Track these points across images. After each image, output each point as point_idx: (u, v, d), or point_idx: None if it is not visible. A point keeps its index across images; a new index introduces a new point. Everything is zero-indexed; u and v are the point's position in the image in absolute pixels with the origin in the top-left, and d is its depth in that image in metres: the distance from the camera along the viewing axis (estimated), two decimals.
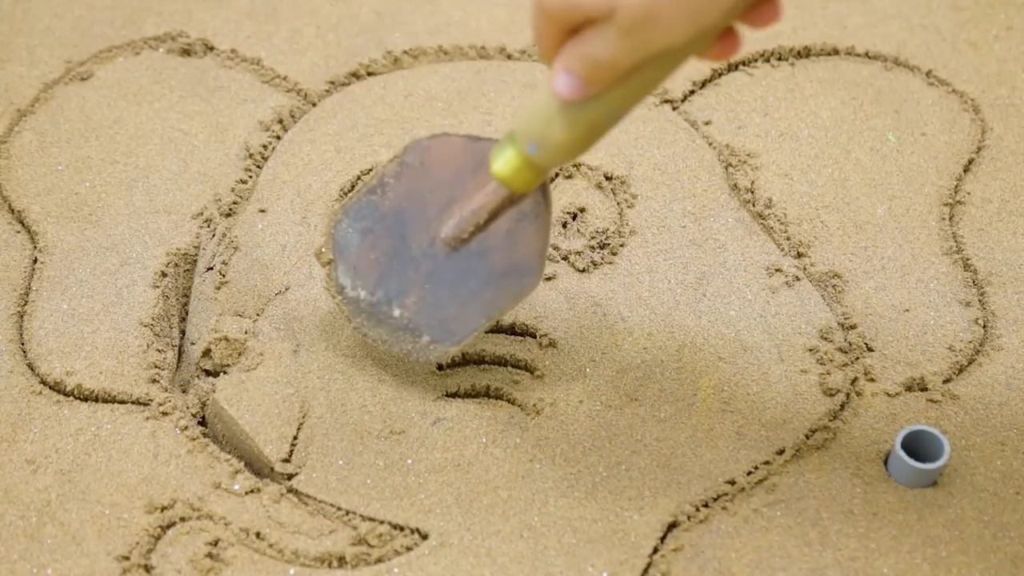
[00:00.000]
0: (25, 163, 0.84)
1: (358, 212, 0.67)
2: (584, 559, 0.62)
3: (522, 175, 0.60)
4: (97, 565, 0.62)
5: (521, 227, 0.63)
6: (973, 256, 0.77)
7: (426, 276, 0.66)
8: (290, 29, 0.93)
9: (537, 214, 0.63)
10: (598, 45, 0.53)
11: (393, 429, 0.68)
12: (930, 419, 0.68)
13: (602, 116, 0.56)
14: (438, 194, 0.64)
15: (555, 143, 0.57)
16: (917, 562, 0.62)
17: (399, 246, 0.66)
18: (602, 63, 0.53)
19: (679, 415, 0.69)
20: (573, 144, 0.57)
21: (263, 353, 0.71)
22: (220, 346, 0.71)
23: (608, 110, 0.56)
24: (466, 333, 0.66)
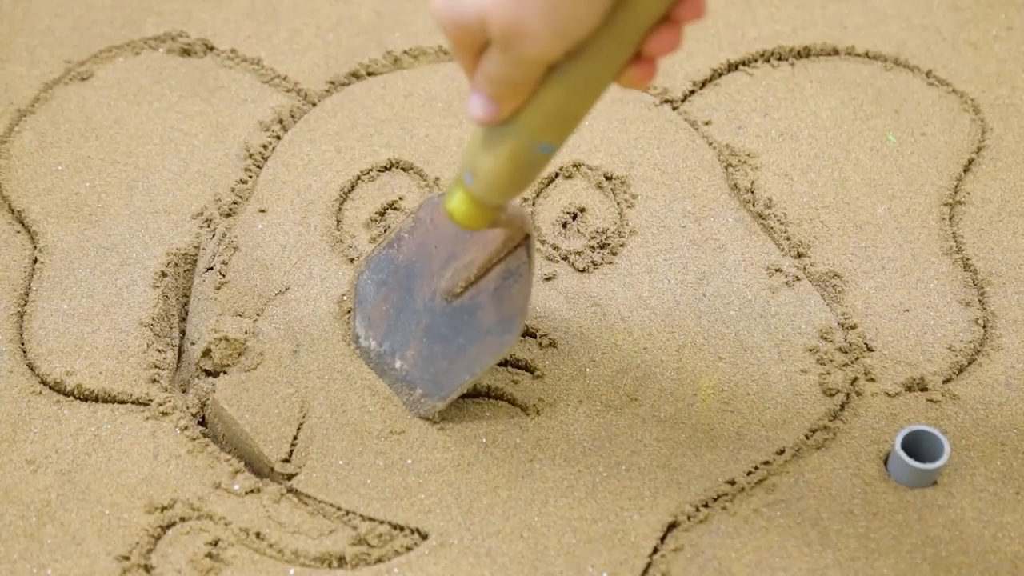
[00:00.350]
0: (25, 163, 0.84)
1: (377, 265, 0.69)
2: (584, 559, 0.62)
3: (466, 210, 0.61)
4: (97, 565, 0.62)
5: (507, 285, 0.65)
6: (973, 256, 0.77)
7: (424, 330, 0.68)
8: (290, 29, 0.93)
9: (521, 273, 0.64)
10: (489, 62, 0.54)
11: (393, 429, 0.68)
12: (930, 419, 0.68)
13: (522, 142, 0.57)
14: (442, 249, 0.66)
15: (484, 172, 0.58)
16: (917, 562, 0.62)
17: (406, 299, 0.68)
18: (496, 79, 0.54)
19: (679, 415, 0.69)
20: (501, 173, 0.58)
21: (263, 353, 0.71)
22: (220, 346, 0.71)
23: (525, 135, 0.57)
24: (451, 389, 0.67)
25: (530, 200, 0.80)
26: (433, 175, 0.82)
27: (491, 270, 0.65)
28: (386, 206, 0.80)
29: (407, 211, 0.74)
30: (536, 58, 0.52)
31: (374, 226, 0.79)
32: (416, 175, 0.82)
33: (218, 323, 0.72)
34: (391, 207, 0.80)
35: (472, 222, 0.61)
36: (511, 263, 0.64)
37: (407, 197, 0.81)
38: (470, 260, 0.65)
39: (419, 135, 0.85)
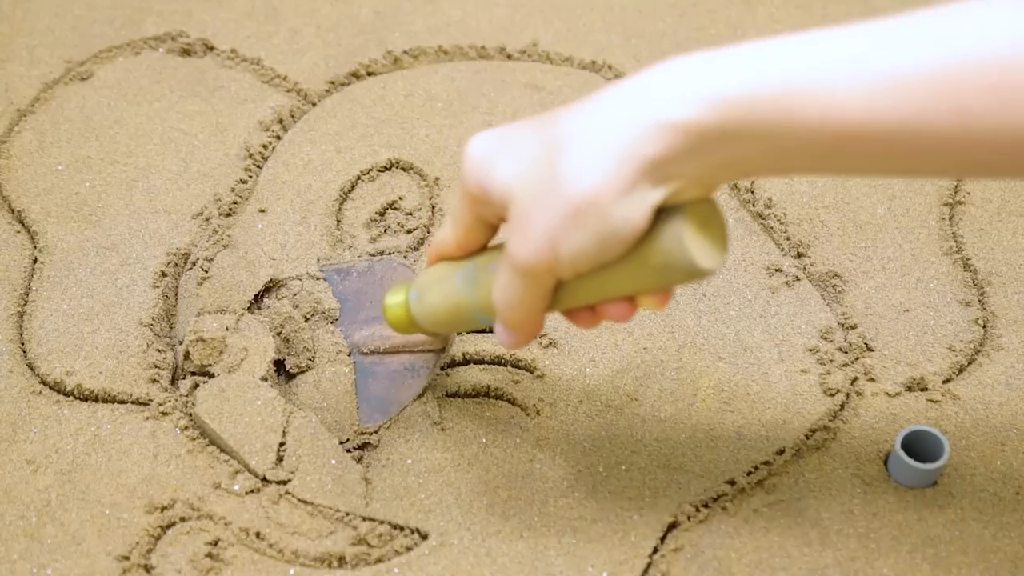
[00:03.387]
0: (25, 163, 0.84)
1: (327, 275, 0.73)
2: (584, 559, 0.62)
3: (400, 316, 0.63)
4: (97, 565, 0.62)
5: (403, 375, 0.69)
6: (973, 256, 0.77)
7: None
8: (290, 29, 0.93)
9: (420, 374, 0.68)
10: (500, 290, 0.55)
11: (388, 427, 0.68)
12: (930, 419, 0.68)
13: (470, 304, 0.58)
14: (374, 307, 0.70)
15: (428, 304, 0.61)
16: (917, 562, 0.62)
17: None
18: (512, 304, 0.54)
19: (679, 415, 0.69)
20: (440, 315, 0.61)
21: (247, 348, 0.71)
22: (197, 347, 0.70)
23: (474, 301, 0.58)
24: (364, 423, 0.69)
25: None
26: (433, 175, 0.82)
27: (400, 354, 0.69)
28: (386, 206, 0.80)
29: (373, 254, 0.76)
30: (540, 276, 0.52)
31: (374, 226, 0.79)
32: (416, 175, 0.82)
33: (196, 324, 0.72)
34: (391, 207, 0.80)
35: (399, 327, 0.64)
36: (418, 360, 0.68)
37: (407, 197, 0.81)
38: (387, 334, 0.68)
39: (419, 135, 0.85)
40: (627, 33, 0.93)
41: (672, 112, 0.47)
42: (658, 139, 0.47)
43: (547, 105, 0.86)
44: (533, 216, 0.50)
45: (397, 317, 0.63)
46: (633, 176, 0.48)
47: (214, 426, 0.67)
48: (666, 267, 0.50)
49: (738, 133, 0.46)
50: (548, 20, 0.94)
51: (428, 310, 0.61)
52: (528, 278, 0.52)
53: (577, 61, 0.90)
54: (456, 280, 0.59)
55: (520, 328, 0.56)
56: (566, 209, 0.49)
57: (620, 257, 0.50)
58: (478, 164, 0.53)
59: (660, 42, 0.92)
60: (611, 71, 0.89)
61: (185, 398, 0.70)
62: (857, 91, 0.45)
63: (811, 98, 0.46)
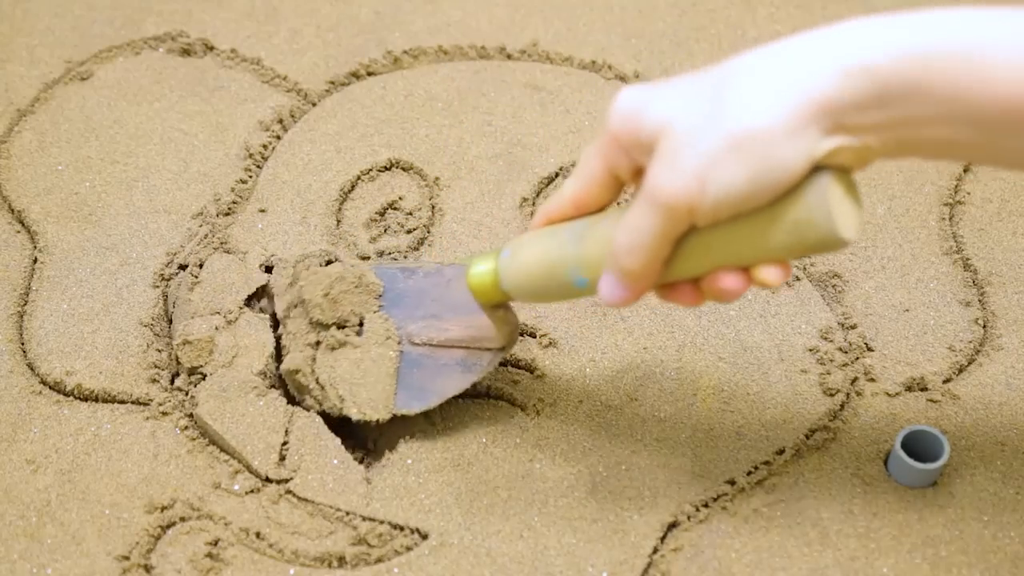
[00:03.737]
0: (25, 163, 0.84)
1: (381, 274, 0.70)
2: (584, 559, 0.62)
3: (485, 281, 0.62)
4: (97, 565, 0.62)
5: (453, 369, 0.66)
6: (973, 256, 0.77)
7: None
8: (290, 29, 0.93)
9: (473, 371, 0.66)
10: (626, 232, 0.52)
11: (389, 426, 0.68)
12: (930, 419, 0.68)
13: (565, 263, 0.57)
14: (435, 305, 0.67)
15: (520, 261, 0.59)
16: (917, 562, 0.62)
17: None
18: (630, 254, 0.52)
19: (679, 415, 0.69)
20: (533, 273, 0.58)
21: (240, 345, 0.70)
22: (184, 350, 0.70)
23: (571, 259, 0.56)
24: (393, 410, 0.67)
25: (530, 200, 0.80)
26: (433, 175, 0.82)
27: (453, 348, 0.66)
28: (386, 206, 0.80)
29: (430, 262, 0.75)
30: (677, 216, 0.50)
31: (374, 226, 0.79)
32: (416, 175, 0.82)
33: (186, 327, 0.71)
34: (391, 207, 0.80)
35: (481, 292, 0.62)
36: (472, 357, 0.66)
37: (407, 197, 0.81)
38: (447, 328, 0.66)
39: (419, 135, 0.85)
40: (627, 33, 0.93)
41: (859, 57, 0.46)
42: (840, 82, 0.46)
43: (547, 105, 0.86)
44: (687, 147, 0.48)
45: (482, 282, 0.61)
46: (806, 116, 0.46)
47: (216, 427, 0.67)
48: (806, 225, 0.48)
49: (917, 89, 0.46)
50: (548, 20, 0.94)
51: (520, 268, 0.58)
52: (664, 215, 0.50)
53: (577, 61, 0.90)
54: (561, 234, 0.57)
55: (634, 279, 0.53)
56: (726, 140, 0.47)
57: (763, 206, 0.49)
58: (629, 109, 0.51)
59: (660, 42, 0.92)
60: (611, 71, 0.89)
61: (184, 398, 0.70)
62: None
63: (997, 66, 0.45)
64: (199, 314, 0.72)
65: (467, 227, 0.79)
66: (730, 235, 0.50)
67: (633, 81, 0.88)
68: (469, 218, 0.79)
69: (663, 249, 0.51)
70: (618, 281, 0.53)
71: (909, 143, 0.48)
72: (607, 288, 0.54)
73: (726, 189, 0.48)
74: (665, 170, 0.49)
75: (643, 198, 0.50)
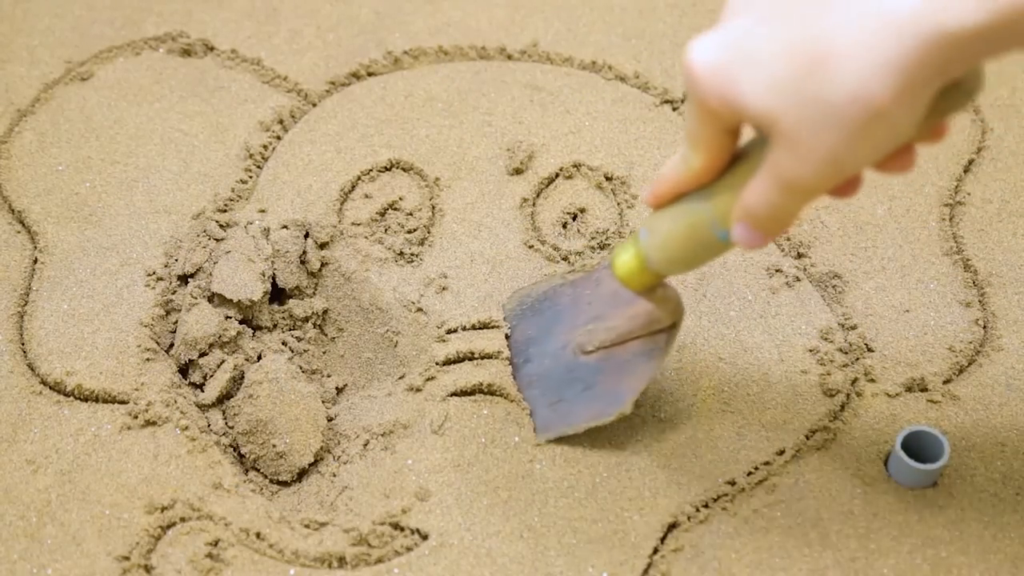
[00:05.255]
0: (25, 163, 0.84)
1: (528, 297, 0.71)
2: (584, 559, 0.62)
3: (632, 267, 0.61)
4: (97, 565, 0.62)
5: (636, 362, 0.65)
6: (973, 256, 0.77)
7: (547, 372, 0.68)
8: (290, 29, 0.93)
9: (654, 356, 0.64)
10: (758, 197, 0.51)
11: (393, 428, 0.68)
12: (930, 419, 0.68)
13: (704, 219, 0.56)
14: (594, 307, 0.67)
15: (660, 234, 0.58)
16: (917, 562, 0.62)
17: (544, 338, 0.69)
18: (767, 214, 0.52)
19: (679, 415, 0.69)
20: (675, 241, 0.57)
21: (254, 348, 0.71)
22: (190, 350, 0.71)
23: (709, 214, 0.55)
24: (548, 433, 0.67)
25: (531, 200, 0.80)
26: (433, 175, 0.82)
27: (628, 343, 0.65)
28: (386, 206, 0.80)
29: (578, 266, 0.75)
30: (815, 191, 0.50)
31: (374, 226, 0.79)
32: (416, 175, 0.82)
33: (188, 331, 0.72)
34: (391, 207, 0.80)
35: (631, 280, 0.61)
36: (649, 343, 0.65)
37: (407, 197, 0.81)
38: (613, 325, 0.65)
39: (419, 135, 0.85)
40: (627, 33, 0.93)
41: (960, 19, 0.44)
42: (948, 49, 0.44)
43: (547, 105, 0.86)
44: (811, 137, 0.47)
45: (630, 268, 0.60)
46: (922, 85, 0.45)
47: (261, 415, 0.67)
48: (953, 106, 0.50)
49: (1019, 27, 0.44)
50: (548, 20, 0.94)
51: (662, 241, 0.58)
52: (803, 194, 0.50)
53: (577, 61, 0.90)
54: (691, 199, 0.56)
55: (774, 231, 0.52)
56: (853, 126, 0.46)
57: None
58: (714, 77, 0.49)
59: (660, 42, 0.92)
60: (611, 71, 0.89)
61: (194, 400, 0.70)
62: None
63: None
64: (204, 318, 0.72)
65: (467, 227, 0.79)
66: None
67: (633, 81, 0.88)
68: (469, 218, 0.79)
69: (802, 209, 0.52)
70: (754, 232, 0.53)
71: None
72: (743, 235, 0.53)
73: (864, 162, 0.48)
74: (795, 160, 0.48)
75: (776, 181, 0.50)
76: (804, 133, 0.47)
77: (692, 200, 0.56)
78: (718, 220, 0.55)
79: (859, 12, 0.45)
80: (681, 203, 0.57)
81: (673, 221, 0.57)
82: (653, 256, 0.59)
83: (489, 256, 0.77)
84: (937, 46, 0.44)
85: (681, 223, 0.57)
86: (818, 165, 0.48)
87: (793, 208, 0.51)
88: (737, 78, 0.48)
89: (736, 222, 0.53)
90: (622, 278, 0.61)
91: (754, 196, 0.51)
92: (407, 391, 0.70)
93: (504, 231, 0.78)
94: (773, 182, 0.50)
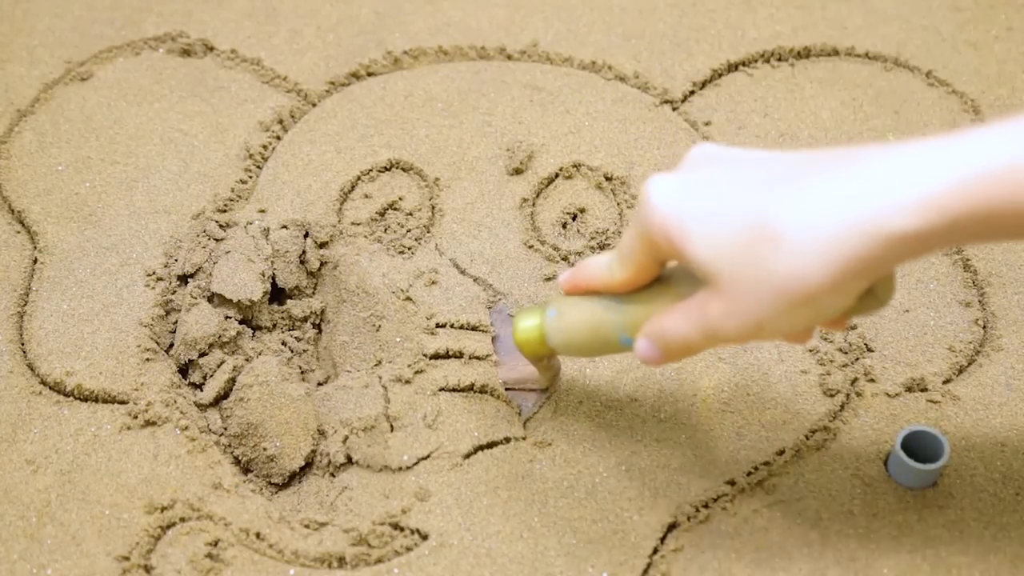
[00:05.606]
0: (25, 163, 0.84)
1: None
2: (584, 559, 0.62)
3: (530, 338, 0.63)
4: (97, 565, 0.62)
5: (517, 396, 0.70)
6: (973, 256, 0.77)
7: None
8: (290, 29, 0.93)
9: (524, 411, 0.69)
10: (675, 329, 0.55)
11: (392, 427, 0.68)
12: (930, 419, 0.68)
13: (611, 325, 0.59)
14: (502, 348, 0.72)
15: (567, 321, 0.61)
16: (917, 562, 0.62)
17: None
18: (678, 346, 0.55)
19: (679, 415, 0.69)
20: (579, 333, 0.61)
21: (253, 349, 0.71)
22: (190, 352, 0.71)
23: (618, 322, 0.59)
24: None
25: (530, 200, 0.80)
26: (433, 175, 0.82)
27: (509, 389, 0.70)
28: (386, 206, 0.80)
29: None
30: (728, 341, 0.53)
31: (374, 226, 0.79)
32: (416, 175, 0.82)
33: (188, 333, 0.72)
34: (391, 207, 0.80)
35: (527, 346, 0.64)
36: (518, 397, 0.70)
37: (407, 197, 0.81)
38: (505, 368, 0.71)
39: (419, 135, 0.85)
40: (627, 33, 0.93)
41: (898, 222, 0.47)
42: (884, 248, 0.48)
43: (547, 105, 0.86)
44: (743, 301, 0.51)
45: (528, 339, 0.63)
46: (855, 278, 0.49)
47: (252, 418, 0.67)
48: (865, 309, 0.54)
49: (961, 226, 0.47)
50: (548, 20, 0.94)
51: (567, 328, 0.61)
52: (716, 341, 0.53)
53: (577, 61, 0.90)
54: (605, 300, 0.59)
55: (675, 357, 0.56)
56: (782, 303, 0.50)
57: None
58: (667, 219, 0.52)
59: (660, 42, 0.92)
60: (611, 71, 0.89)
61: (194, 400, 0.70)
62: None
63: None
64: (203, 319, 0.72)
65: (467, 227, 0.79)
66: None
67: (633, 81, 0.88)
68: (469, 218, 0.79)
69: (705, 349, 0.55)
70: (656, 353, 0.56)
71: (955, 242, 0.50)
72: (645, 351, 0.57)
73: (782, 331, 0.52)
74: (724, 315, 0.52)
75: (700, 323, 0.53)
76: (740, 292, 0.51)
77: (606, 301, 0.59)
78: (625, 328, 0.58)
79: (814, 203, 0.49)
80: (595, 300, 0.59)
81: (580, 313, 0.60)
82: (553, 336, 0.62)
83: (489, 256, 0.77)
84: (877, 245, 0.48)
85: (588, 318, 0.59)
86: (742, 324, 0.51)
87: (702, 346, 0.55)
88: (689, 229, 0.52)
89: (644, 337, 0.56)
90: (519, 342, 0.64)
91: (672, 324, 0.55)
92: (394, 381, 0.70)
93: (504, 231, 0.78)
94: (695, 321, 0.53)
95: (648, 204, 0.53)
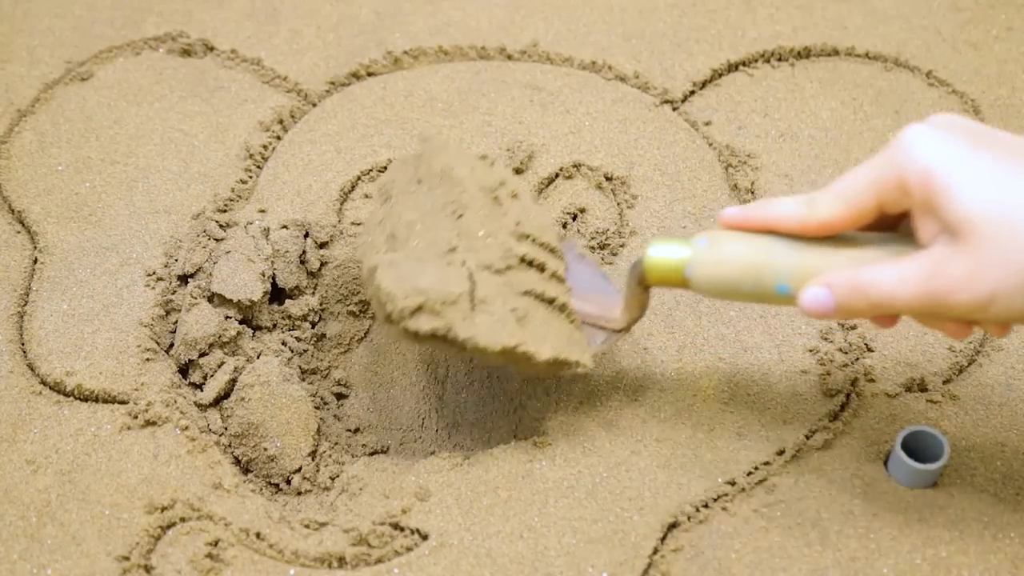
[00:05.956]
0: (25, 163, 0.84)
1: None
2: (584, 559, 0.62)
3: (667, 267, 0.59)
4: (97, 565, 0.62)
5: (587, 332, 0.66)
6: None
7: None
8: (290, 29, 0.93)
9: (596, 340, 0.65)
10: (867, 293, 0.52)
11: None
12: (930, 419, 0.68)
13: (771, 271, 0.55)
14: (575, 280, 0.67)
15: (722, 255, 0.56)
16: (917, 562, 0.62)
17: None
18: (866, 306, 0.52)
19: (679, 415, 0.69)
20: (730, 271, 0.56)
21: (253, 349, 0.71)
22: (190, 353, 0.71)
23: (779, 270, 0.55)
24: None
25: None
26: None
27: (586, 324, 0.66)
28: None
29: None
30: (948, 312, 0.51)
31: None
32: None
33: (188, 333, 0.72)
34: None
35: (654, 272, 0.60)
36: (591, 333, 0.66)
37: None
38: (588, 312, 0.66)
39: (418, 135, 0.85)
40: (627, 33, 0.93)
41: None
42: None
43: (547, 105, 0.86)
44: (992, 264, 0.48)
45: (664, 261, 0.58)
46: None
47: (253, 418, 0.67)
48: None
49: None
50: (548, 20, 0.94)
51: (718, 259, 0.56)
52: (935, 303, 0.50)
53: (577, 61, 0.90)
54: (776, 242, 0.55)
55: (853, 315, 0.53)
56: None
57: None
58: (931, 164, 0.50)
59: (660, 42, 0.92)
60: (611, 71, 0.89)
61: (194, 400, 0.70)
62: None
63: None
64: (204, 319, 0.72)
65: None
66: None
67: (633, 81, 0.88)
68: None
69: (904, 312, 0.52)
70: (834, 304, 0.53)
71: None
72: (820, 298, 0.54)
73: (1007, 313, 0.49)
74: (961, 277, 0.49)
75: (924, 277, 0.50)
76: (991, 253, 0.48)
77: (777, 244, 0.55)
78: (791, 276, 0.54)
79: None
80: (763, 239, 0.55)
81: (741, 248, 0.55)
82: (698, 268, 0.57)
83: None
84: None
85: (749, 253, 0.55)
86: (978, 295, 0.48)
87: (903, 311, 0.51)
88: (956, 179, 0.49)
89: (823, 286, 0.53)
90: (649, 266, 0.59)
91: (882, 277, 0.51)
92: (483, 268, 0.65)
93: None
94: (919, 278, 0.50)
95: (910, 149, 0.50)
